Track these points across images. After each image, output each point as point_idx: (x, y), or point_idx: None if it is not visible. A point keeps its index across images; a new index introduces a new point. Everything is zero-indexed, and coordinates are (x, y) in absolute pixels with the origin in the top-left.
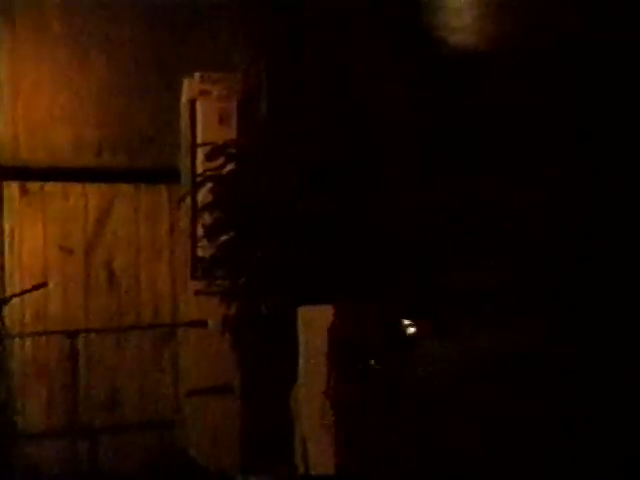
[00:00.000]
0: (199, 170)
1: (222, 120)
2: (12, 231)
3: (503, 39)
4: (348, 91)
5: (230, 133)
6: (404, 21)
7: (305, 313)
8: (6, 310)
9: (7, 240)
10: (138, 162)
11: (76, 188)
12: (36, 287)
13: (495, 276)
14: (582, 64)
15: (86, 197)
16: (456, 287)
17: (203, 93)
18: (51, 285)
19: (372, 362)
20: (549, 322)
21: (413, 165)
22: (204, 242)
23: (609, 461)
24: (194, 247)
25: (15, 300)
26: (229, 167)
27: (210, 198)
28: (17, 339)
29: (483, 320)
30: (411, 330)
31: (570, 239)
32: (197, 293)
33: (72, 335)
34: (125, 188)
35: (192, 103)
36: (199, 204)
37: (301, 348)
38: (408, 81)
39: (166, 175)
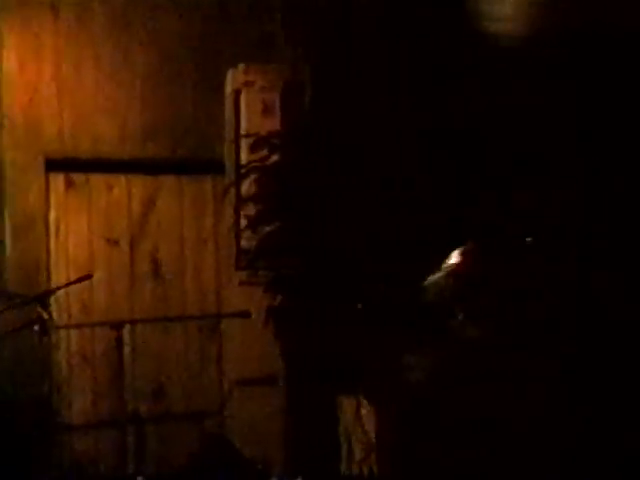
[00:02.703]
0: (243, 161)
1: (266, 111)
2: (58, 223)
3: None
4: (393, 81)
5: (274, 124)
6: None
7: None
8: (52, 302)
9: (53, 232)
10: (182, 153)
11: (120, 179)
12: (82, 279)
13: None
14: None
15: (130, 188)
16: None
17: (247, 84)
18: (96, 276)
19: None
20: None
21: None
22: (248, 233)
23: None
24: (238, 238)
25: (61, 292)
26: (273, 158)
27: (254, 189)
28: (63, 330)
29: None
30: None
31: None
32: (241, 284)
33: (117, 326)
34: (169, 179)
35: (236, 94)
36: (243, 195)
37: None
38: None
39: (210, 166)
